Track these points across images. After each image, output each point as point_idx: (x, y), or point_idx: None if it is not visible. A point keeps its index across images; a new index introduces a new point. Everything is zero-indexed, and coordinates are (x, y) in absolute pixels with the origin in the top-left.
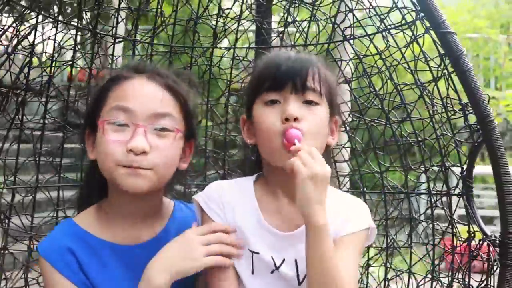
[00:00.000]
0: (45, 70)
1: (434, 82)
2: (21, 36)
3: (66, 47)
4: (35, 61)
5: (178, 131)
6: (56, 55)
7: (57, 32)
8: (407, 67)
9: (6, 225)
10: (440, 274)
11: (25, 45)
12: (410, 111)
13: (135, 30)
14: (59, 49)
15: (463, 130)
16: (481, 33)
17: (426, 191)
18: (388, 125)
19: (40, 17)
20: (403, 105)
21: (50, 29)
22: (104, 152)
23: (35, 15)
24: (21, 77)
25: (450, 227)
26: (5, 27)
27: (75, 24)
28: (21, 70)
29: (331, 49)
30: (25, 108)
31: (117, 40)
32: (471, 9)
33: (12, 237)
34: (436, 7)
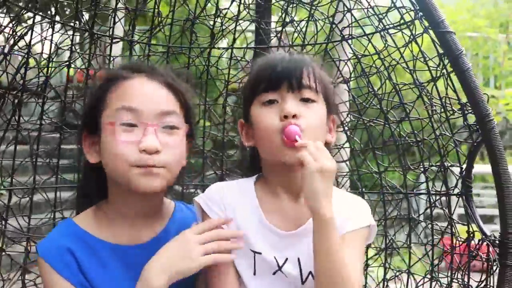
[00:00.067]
0: (42, 71)
1: (433, 81)
2: (17, 36)
3: (63, 48)
4: (32, 62)
5: (184, 128)
6: (53, 55)
7: (54, 32)
8: (405, 66)
9: (3, 226)
10: (439, 274)
11: (22, 45)
12: (409, 111)
13: (132, 30)
14: (55, 49)
15: (462, 129)
16: (480, 32)
17: (425, 191)
18: (387, 125)
19: (37, 18)
20: (401, 105)
21: (47, 29)
22: (114, 153)
23: (32, 15)
24: (18, 77)
25: (449, 227)
26: (2, 27)
27: (72, 24)
28: (18, 70)
29: (330, 49)
30: (22, 109)
31: (114, 40)
32: (470, 8)
33: (9, 238)
34: (435, 6)
